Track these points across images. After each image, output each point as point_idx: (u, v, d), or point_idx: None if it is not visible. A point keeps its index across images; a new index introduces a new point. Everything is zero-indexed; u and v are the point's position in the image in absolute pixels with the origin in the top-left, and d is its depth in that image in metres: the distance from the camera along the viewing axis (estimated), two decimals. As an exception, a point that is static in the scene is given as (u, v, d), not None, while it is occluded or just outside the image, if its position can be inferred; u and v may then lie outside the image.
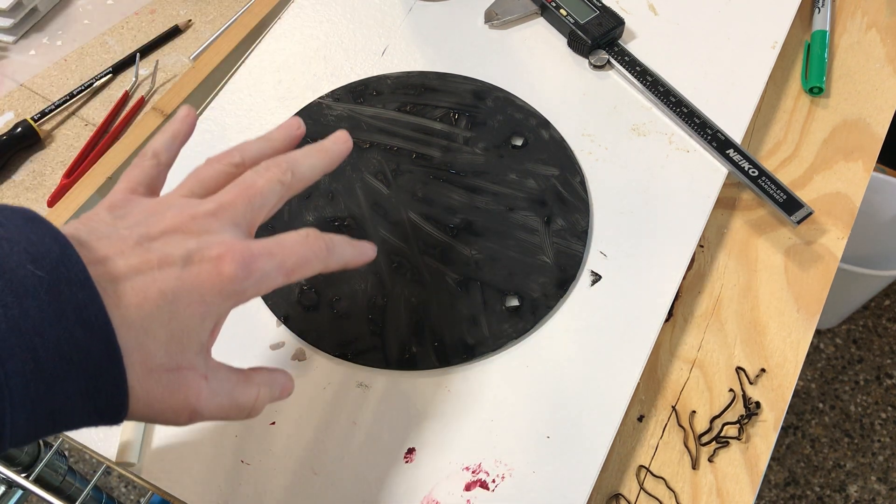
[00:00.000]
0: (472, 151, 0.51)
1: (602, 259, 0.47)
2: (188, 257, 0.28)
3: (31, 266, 0.25)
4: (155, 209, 0.30)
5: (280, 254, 0.30)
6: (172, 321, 0.27)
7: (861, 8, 0.62)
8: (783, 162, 0.54)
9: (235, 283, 0.29)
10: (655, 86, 0.53)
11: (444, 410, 0.42)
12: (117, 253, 0.28)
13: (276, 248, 0.31)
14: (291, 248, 0.31)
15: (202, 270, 0.28)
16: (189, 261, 0.28)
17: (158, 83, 0.62)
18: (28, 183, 0.57)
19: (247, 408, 0.32)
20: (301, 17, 0.58)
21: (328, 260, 0.33)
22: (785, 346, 0.47)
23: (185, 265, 0.28)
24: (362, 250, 0.35)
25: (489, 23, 0.57)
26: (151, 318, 0.27)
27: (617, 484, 0.43)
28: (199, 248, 0.29)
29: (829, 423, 1.29)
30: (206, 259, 0.28)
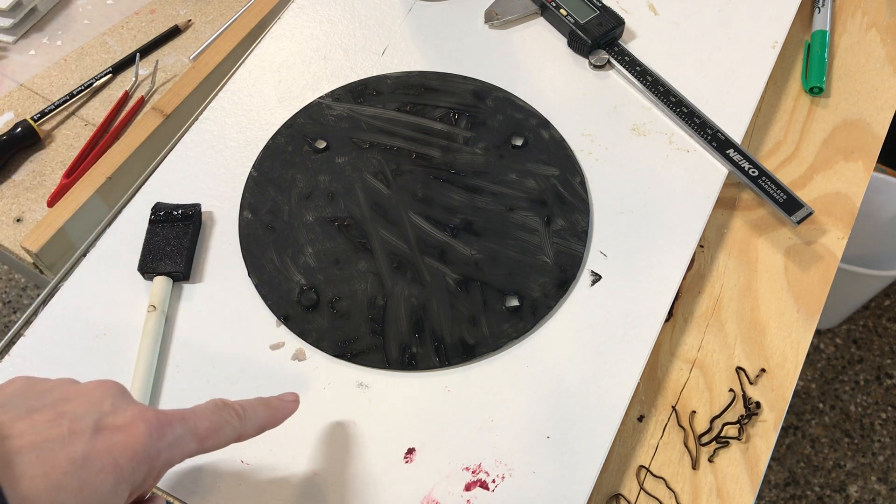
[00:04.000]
0: (472, 151, 0.51)
1: (602, 259, 0.47)
2: (99, 423, 0.28)
3: None
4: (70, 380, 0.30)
5: (192, 419, 0.31)
6: (84, 490, 0.26)
7: (861, 8, 0.62)
8: (783, 162, 0.54)
9: (149, 446, 0.28)
10: (655, 86, 0.53)
11: (444, 410, 0.42)
12: (25, 424, 0.27)
13: (187, 413, 0.31)
14: (202, 414, 0.32)
15: (113, 435, 0.28)
16: (100, 427, 0.28)
17: (158, 83, 0.62)
18: (28, 183, 0.57)
19: None
20: (301, 17, 0.58)
21: (242, 427, 0.33)
22: (785, 346, 0.47)
23: (95, 431, 0.27)
24: (278, 409, 0.36)
25: (489, 23, 0.57)
26: (59, 489, 0.25)
27: (617, 484, 0.43)
28: (112, 413, 0.28)
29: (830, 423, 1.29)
30: (118, 424, 0.28)
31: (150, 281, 0.46)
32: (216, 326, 0.45)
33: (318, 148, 0.51)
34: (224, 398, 0.34)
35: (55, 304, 0.45)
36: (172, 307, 0.45)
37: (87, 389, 0.30)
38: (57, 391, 0.29)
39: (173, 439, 0.30)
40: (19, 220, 0.55)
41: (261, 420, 0.35)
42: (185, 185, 0.50)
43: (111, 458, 0.27)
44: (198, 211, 0.48)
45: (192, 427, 0.31)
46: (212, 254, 0.47)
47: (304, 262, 0.47)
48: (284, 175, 0.50)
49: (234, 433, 0.33)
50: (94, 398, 0.29)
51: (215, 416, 0.32)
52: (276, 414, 0.36)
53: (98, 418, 0.28)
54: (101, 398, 0.29)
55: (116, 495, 0.27)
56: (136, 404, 0.30)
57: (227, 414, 0.33)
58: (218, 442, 0.32)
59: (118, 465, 0.27)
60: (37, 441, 0.26)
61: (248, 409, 0.34)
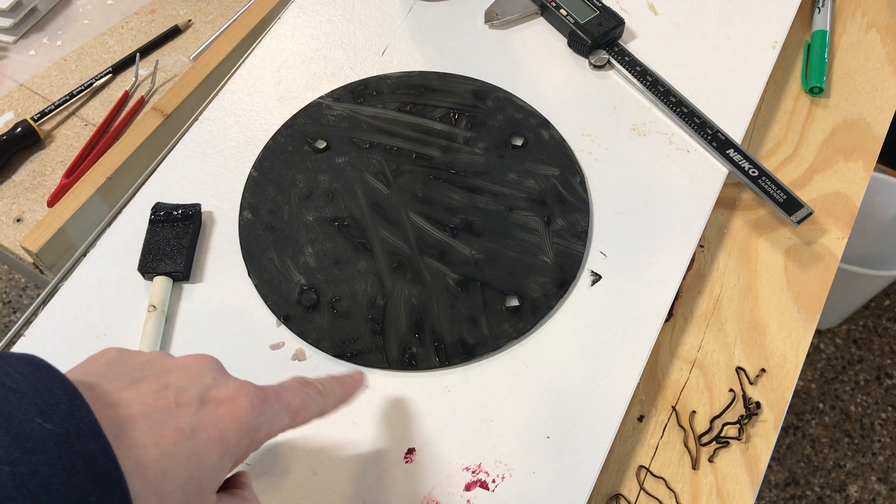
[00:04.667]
0: (472, 151, 0.51)
1: (602, 259, 0.47)
2: (204, 396, 0.28)
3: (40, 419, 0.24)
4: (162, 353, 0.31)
5: (284, 395, 0.32)
6: (191, 460, 0.27)
7: (861, 8, 0.62)
8: (783, 162, 0.54)
9: (252, 419, 0.29)
10: (655, 86, 0.53)
11: (444, 410, 0.42)
12: (132, 393, 0.27)
13: (280, 390, 0.32)
14: (293, 390, 0.33)
15: (218, 408, 0.28)
16: (205, 399, 0.28)
17: (158, 83, 0.62)
18: (28, 183, 0.57)
19: None
20: (301, 17, 0.58)
21: (325, 403, 0.34)
22: (785, 346, 0.47)
23: (201, 404, 0.28)
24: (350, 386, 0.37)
25: (489, 23, 0.57)
26: (169, 458, 0.26)
27: (617, 484, 0.43)
28: (215, 386, 0.29)
29: (830, 424, 1.29)
30: (222, 398, 0.29)
31: (150, 281, 0.46)
32: (216, 326, 0.45)
33: (318, 148, 0.51)
34: (305, 376, 0.34)
35: (55, 304, 0.45)
36: (172, 307, 0.45)
37: (186, 363, 0.30)
38: (157, 363, 0.29)
39: (272, 413, 0.30)
40: (19, 220, 0.55)
41: (338, 396, 0.36)
42: (185, 185, 0.50)
43: (217, 430, 0.28)
44: (198, 211, 0.48)
45: (285, 402, 0.31)
46: (212, 254, 0.47)
47: (304, 262, 0.47)
48: (284, 175, 0.50)
49: (318, 408, 0.34)
50: (194, 371, 0.29)
51: (303, 393, 0.33)
52: (349, 391, 0.37)
53: (203, 391, 0.29)
54: (202, 371, 0.30)
55: (221, 466, 0.28)
56: (235, 379, 0.31)
57: (312, 391, 0.33)
58: (306, 417, 0.33)
59: (224, 436, 0.28)
60: (146, 410, 0.27)
61: (328, 386, 0.35)
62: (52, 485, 0.23)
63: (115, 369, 0.29)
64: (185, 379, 0.29)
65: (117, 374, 0.28)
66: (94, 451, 0.24)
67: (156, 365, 0.29)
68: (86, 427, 0.24)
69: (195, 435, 0.27)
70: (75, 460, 0.24)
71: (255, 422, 0.29)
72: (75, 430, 0.24)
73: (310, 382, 0.34)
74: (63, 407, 0.24)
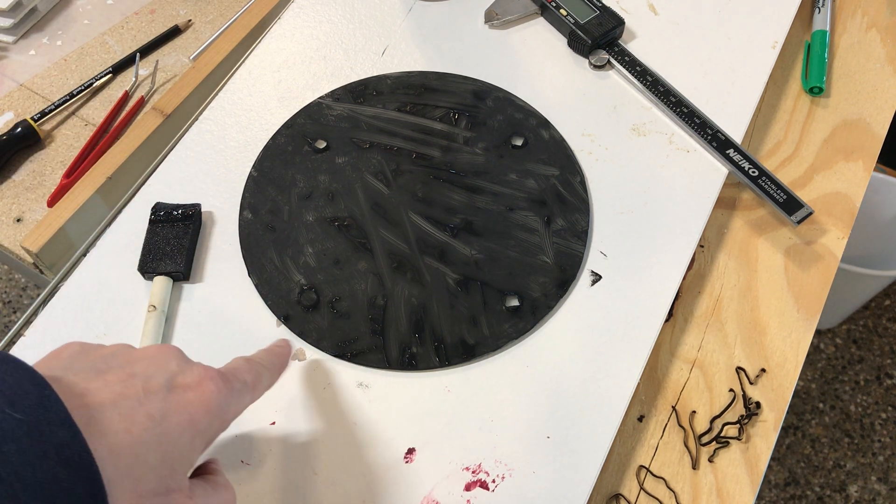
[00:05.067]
0: (472, 151, 0.51)
1: (602, 259, 0.47)
2: (171, 382, 0.29)
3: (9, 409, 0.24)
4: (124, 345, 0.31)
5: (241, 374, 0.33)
6: (163, 445, 0.27)
7: (861, 8, 0.62)
8: (783, 162, 0.54)
9: (220, 401, 0.30)
10: (655, 86, 0.53)
11: (444, 410, 0.42)
12: (98, 383, 0.28)
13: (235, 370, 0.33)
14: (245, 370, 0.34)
15: (187, 393, 0.29)
16: (172, 385, 0.29)
17: (158, 83, 0.62)
18: (28, 183, 0.57)
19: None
20: (301, 17, 0.58)
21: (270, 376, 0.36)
22: (785, 346, 0.47)
23: (169, 390, 0.29)
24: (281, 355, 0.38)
25: (489, 23, 0.57)
26: (141, 443, 0.27)
27: (617, 484, 0.43)
28: (181, 373, 0.30)
29: (830, 423, 1.29)
30: (189, 383, 0.30)
31: (150, 281, 0.46)
32: (216, 326, 0.45)
33: (318, 148, 0.51)
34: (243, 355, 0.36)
35: (55, 304, 0.45)
36: (172, 307, 0.45)
37: (149, 353, 0.31)
38: (121, 355, 0.30)
39: (236, 393, 0.31)
40: (19, 220, 0.55)
41: (277, 366, 0.37)
42: (185, 185, 0.50)
43: (187, 415, 0.29)
44: (198, 211, 0.48)
45: (244, 381, 0.32)
46: (212, 254, 0.47)
47: (304, 262, 0.47)
48: (284, 175, 0.50)
49: (267, 381, 0.35)
50: (159, 360, 0.30)
51: (253, 370, 0.34)
52: (282, 360, 0.38)
53: (169, 377, 0.29)
54: (167, 360, 0.30)
55: (193, 448, 0.29)
56: (199, 364, 0.31)
57: (258, 367, 0.35)
58: (260, 391, 0.34)
59: (194, 420, 0.29)
60: (114, 399, 0.27)
61: (265, 359, 0.36)
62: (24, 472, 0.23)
63: (80, 362, 0.29)
64: (150, 367, 0.29)
65: (82, 367, 0.29)
66: (65, 439, 0.24)
67: (120, 356, 0.30)
68: (56, 416, 0.25)
69: (165, 420, 0.28)
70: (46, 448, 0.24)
71: (223, 403, 0.30)
72: (45, 419, 0.24)
73: (254, 360, 0.35)
74: (32, 397, 0.25)
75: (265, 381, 0.35)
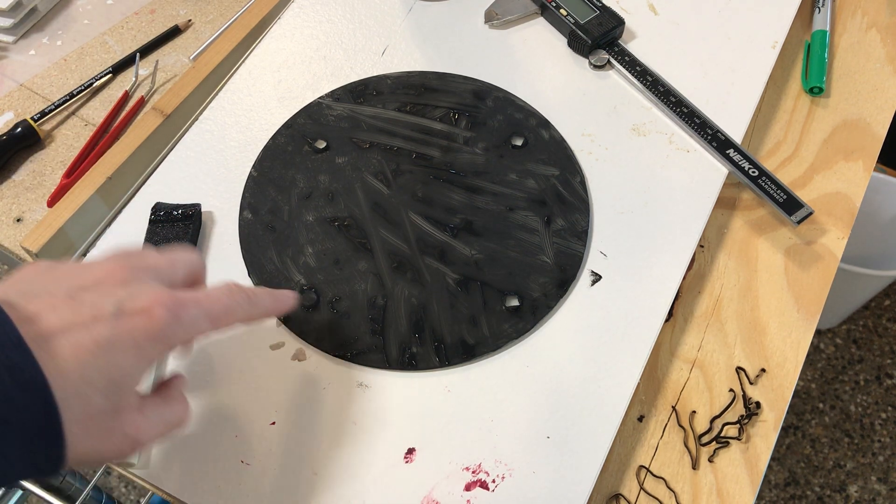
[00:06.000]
0: (472, 151, 0.51)
1: (602, 259, 0.47)
2: (119, 308, 0.30)
3: None
4: (82, 265, 0.32)
5: (206, 302, 0.33)
6: (110, 368, 0.29)
7: (861, 8, 0.62)
8: (783, 162, 0.54)
9: (167, 329, 0.30)
10: (655, 86, 0.53)
11: (444, 410, 0.42)
12: (49, 309, 0.29)
13: (202, 297, 0.33)
14: (217, 297, 0.33)
15: (134, 319, 0.30)
16: (120, 312, 0.30)
17: (158, 83, 0.62)
18: (28, 183, 0.57)
19: (180, 423, 0.34)
20: (301, 17, 0.58)
21: (250, 310, 0.35)
22: (785, 346, 0.47)
23: (116, 316, 0.29)
24: (282, 300, 0.38)
25: (489, 23, 0.57)
26: (89, 367, 0.28)
27: (617, 484, 0.43)
28: (130, 297, 0.30)
29: (830, 423, 1.29)
30: (137, 309, 0.30)
31: (150, 281, 0.46)
32: (216, 326, 0.45)
33: (318, 148, 0.51)
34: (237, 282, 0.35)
35: (55, 304, 0.45)
36: (172, 307, 0.45)
37: (102, 275, 0.31)
38: (76, 277, 0.31)
39: (189, 321, 0.31)
40: (19, 220, 0.55)
41: (267, 306, 0.37)
42: (185, 185, 0.50)
43: (133, 341, 0.29)
44: (198, 211, 0.48)
45: (206, 309, 0.32)
46: (212, 254, 0.47)
47: (304, 262, 0.47)
48: (284, 175, 0.50)
49: (244, 314, 0.35)
50: (109, 286, 0.31)
51: (228, 300, 0.34)
52: (279, 305, 0.38)
53: (118, 304, 0.30)
54: (116, 286, 0.31)
55: (139, 370, 0.30)
56: (153, 286, 0.32)
57: (239, 297, 0.34)
58: (229, 321, 0.34)
59: (139, 345, 0.29)
60: (63, 326, 0.28)
61: (258, 294, 0.36)
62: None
63: (36, 285, 0.30)
64: (100, 295, 0.30)
65: (37, 292, 0.30)
66: (18, 361, 0.26)
67: (74, 278, 0.31)
68: (9, 339, 0.26)
69: (112, 346, 0.29)
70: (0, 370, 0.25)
71: (170, 330, 0.30)
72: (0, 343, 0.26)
73: (240, 289, 0.35)
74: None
75: (238, 314, 0.34)
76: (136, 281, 0.31)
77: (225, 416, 0.42)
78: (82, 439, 0.28)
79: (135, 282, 0.31)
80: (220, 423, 0.42)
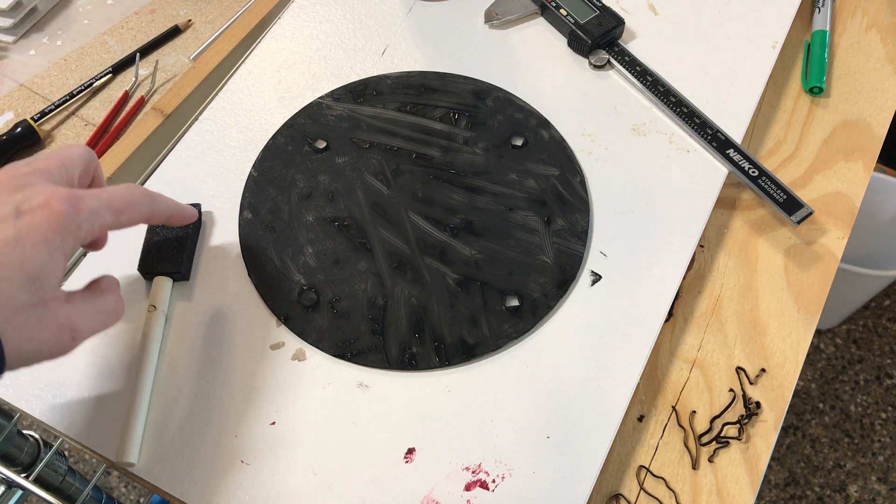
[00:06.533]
0: (472, 151, 0.51)
1: (602, 259, 0.47)
2: (18, 210, 0.31)
3: None
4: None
5: (104, 195, 0.35)
6: (24, 263, 0.30)
7: (861, 8, 0.62)
8: (783, 162, 0.54)
9: (69, 220, 0.32)
10: (655, 86, 0.53)
11: (444, 410, 0.42)
12: None
13: (101, 192, 0.35)
14: (116, 191, 0.36)
15: (35, 215, 0.31)
16: (20, 212, 0.31)
17: (158, 83, 0.62)
18: (28, 183, 0.57)
19: (115, 311, 0.36)
20: (301, 17, 0.58)
21: (152, 205, 0.38)
22: (785, 346, 0.47)
23: (17, 216, 0.31)
24: (185, 208, 0.41)
25: (489, 23, 0.57)
26: (1, 265, 0.30)
27: (617, 484, 0.43)
28: (26, 199, 0.32)
29: (830, 423, 1.29)
30: (35, 206, 0.32)
31: (150, 281, 0.46)
32: (216, 326, 0.45)
33: (318, 148, 0.51)
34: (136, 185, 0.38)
35: (55, 304, 0.45)
36: (172, 307, 0.45)
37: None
38: None
39: (90, 212, 0.33)
40: (19, 220, 0.55)
41: (169, 206, 0.40)
42: (185, 185, 0.50)
43: (39, 234, 0.31)
44: (198, 211, 0.48)
45: (106, 201, 0.34)
46: (212, 254, 0.47)
47: (304, 262, 0.47)
48: (284, 175, 0.50)
49: (147, 209, 0.37)
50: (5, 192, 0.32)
51: (128, 194, 0.36)
52: (183, 212, 0.41)
53: (16, 205, 0.32)
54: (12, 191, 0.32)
55: (54, 263, 0.32)
56: (49, 185, 0.33)
57: (138, 192, 0.37)
58: (132, 216, 0.36)
59: (47, 238, 0.31)
60: None
61: (158, 196, 0.39)
62: None
63: None
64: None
65: None
66: None
67: None
68: None
69: (20, 242, 0.31)
70: None
71: (73, 220, 0.32)
72: None
73: (139, 188, 0.37)
74: None
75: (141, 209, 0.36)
76: (29, 186, 0.33)
77: (225, 416, 0.42)
78: (15, 334, 0.30)
79: (28, 186, 0.33)
80: (220, 423, 0.42)
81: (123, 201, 0.35)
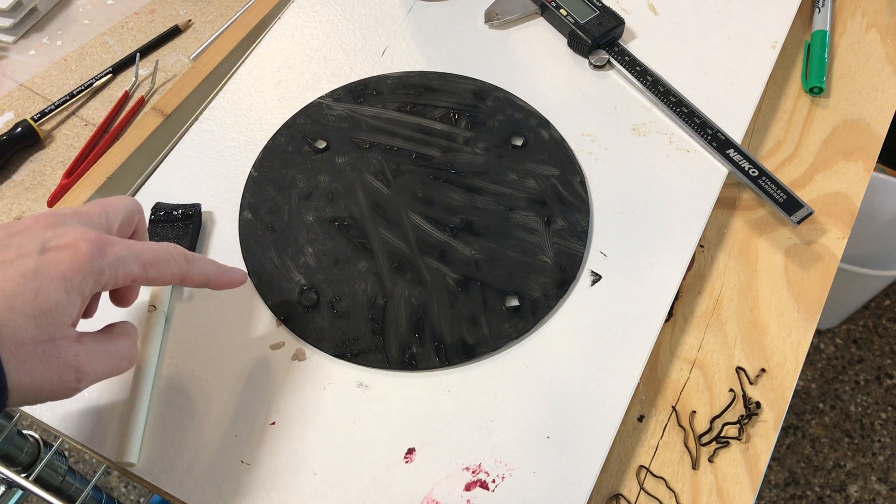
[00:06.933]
0: (472, 151, 0.51)
1: (602, 259, 0.47)
2: (44, 246, 0.31)
3: None
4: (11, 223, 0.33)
5: (137, 247, 0.34)
6: (38, 297, 0.30)
7: (861, 8, 0.62)
8: (783, 162, 0.54)
9: (92, 261, 0.31)
10: (655, 86, 0.53)
11: (444, 410, 0.42)
12: None
13: (134, 243, 0.34)
14: (150, 246, 0.35)
15: (59, 253, 0.31)
16: (45, 248, 0.31)
17: (158, 83, 0.62)
18: (28, 183, 0.57)
19: (127, 357, 0.35)
20: (301, 17, 0.58)
21: (187, 267, 0.36)
22: (785, 346, 0.47)
23: (42, 252, 0.31)
24: (226, 272, 0.39)
25: (489, 23, 0.57)
26: (15, 297, 0.29)
27: (617, 484, 0.43)
28: (55, 237, 0.32)
29: (830, 423, 1.29)
30: (62, 244, 0.31)
31: (150, 281, 0.46)
32: (216, 326, 0.45)
33: (318, 148, 0.51)
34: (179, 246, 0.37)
35: (55, 304, 0.45)
36: (172, 307, 0.45)
37: (27, 224, 0.33)
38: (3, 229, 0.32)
39: (116, 259, 0.33)
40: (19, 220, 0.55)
41: (208, 272, 0.38)
42: (185, 185, 0.50)
43: (59, 271, 0.31)
44: (198, 211, 0.48)
45: (136, 252, 0.34)
46: (212, 254, 0.47)
47: (304, 262, 0.47)
48: (284, 175, 0.50)
49: (180, 270, 0.36)
50: (34, 231, 0.32)
51: (162, 251, 0.35)
52: (223, 276, 0.39)
53: (43, 242, 0.31)
54: (42, 230, 0.32)
55: (70, 301, 0.31)
56: (80, 227, 0.33)
57: (174, 252, 0.36)
58: (161, 273, 0.35)
59: (66, 276, 0.31)
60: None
61: (198, 258, 0.37)
62: None
63: None
64: (25, 238, 0.32)
65: None
66: None
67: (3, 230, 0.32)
68: None
69: (38, 276, 0.30)
70: None
71: (97, 263, 0.32)
72: None
73: (177, 247, 0.36)
74: None
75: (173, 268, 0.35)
76: (63, 225, 0.33)
77: (225, 416, 0.42)
78: (18, 366, 0.29)
79: (62, 226, 0.33)
80: (220, 423, 0.42)
81: (154, 256, 0.34)
